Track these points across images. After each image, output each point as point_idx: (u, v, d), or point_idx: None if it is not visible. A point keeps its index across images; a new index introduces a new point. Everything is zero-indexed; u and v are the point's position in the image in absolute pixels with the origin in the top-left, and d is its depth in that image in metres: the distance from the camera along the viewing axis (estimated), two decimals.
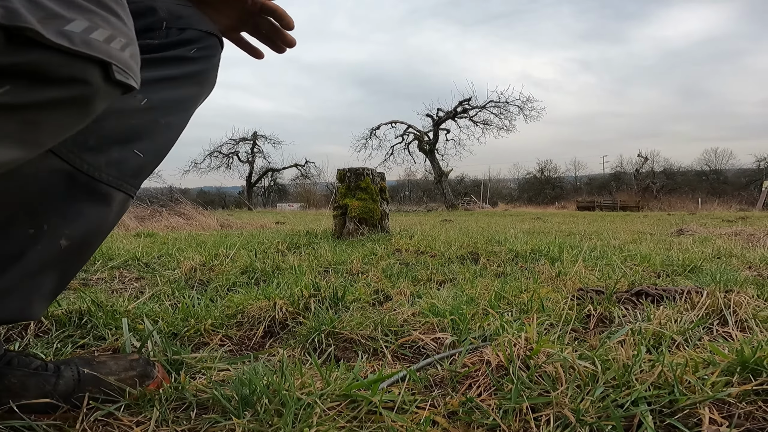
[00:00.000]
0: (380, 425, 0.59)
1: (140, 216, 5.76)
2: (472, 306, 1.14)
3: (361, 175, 3.25)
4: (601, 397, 0.61)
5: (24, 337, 0.95)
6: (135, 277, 1.79)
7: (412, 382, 0.72)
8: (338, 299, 1.24)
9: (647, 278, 1.61)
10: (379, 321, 1.02)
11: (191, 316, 1.07)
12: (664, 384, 0.63)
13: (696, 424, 0.58)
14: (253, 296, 1.22)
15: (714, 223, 5.54)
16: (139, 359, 0.71)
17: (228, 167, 29.88)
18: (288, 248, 2.54)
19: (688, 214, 10.79)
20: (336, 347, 0.93)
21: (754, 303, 1.09)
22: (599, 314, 1.08)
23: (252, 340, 1.01)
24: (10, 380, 0.59)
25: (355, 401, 0.64)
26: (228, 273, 1.74)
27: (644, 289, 1.23)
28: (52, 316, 1.00)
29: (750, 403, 0.61)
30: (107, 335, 0.94)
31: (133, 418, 0.62)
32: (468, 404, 0.63)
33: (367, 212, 3.18)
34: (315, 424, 0.58)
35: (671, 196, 29.00)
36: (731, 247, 2.44)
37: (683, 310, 1.04)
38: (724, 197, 24.48)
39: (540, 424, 0.58)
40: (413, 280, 1.64)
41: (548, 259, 2.00)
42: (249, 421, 0.59)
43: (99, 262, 2.02)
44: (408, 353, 0.91)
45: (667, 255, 2.15)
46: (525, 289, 1.30)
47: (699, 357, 0.71)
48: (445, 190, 22.52)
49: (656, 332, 0.89)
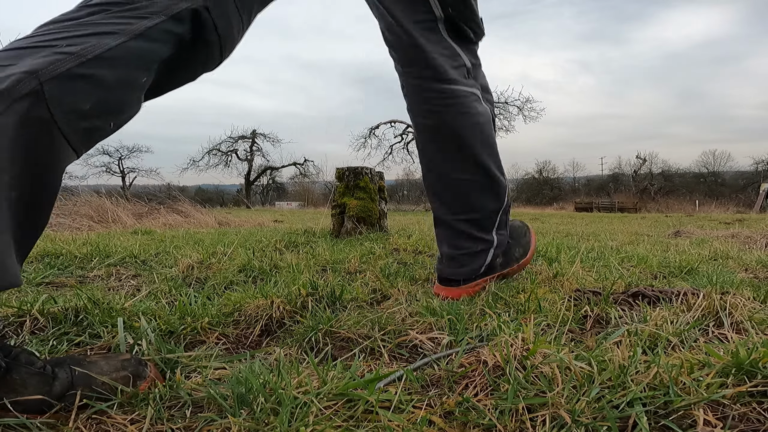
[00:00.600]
0: (377, 425, 0.59)
1: (138, 213, 5.75)
2: (470, 306, 1.14)
3: (360, 174, 3.25)
4: (597, 398, 0.61)
5: (20, 334, 0.95)
6: (132, 274, 1.78)
7: (409, 381, 0.72)
8: (336, 298, 1.24)
9: (644, 279, 1.61)
10: (376, 320, 1.02)
11: (188, 314, 1.07)
12: (659, 385, 0.63)
13: (691, 425, 0.58)
14: (250, 294, 1.22)
15: (711, 225, 5.56)
16: (131, 359, 0.71)
17: (226, 165, 29.90)
18: (286, 247, 2.54)
19: (686, 216, 10.82)
20: (333, 346, 0.93)
21: (750, 305, 1.09)
22: (596, 315, 1.08)
23: (249, 338, 1.01)
24: (13, 376, 0.59)
25: (352, 400, 0.64)
26: (225, 271, 1.74)
27: (641, 291, 1.23)
28: (47, 313, 1.00)
29: (744, 405, 0.61)
30: (103, 333, 0.94)
31: (128, 416, 0.62)
32: (464, 404, 0.63)
33: (365, 211, 3.18)
34: (311, 423, 0.58)
35: (669, 198, 29.07)
36: (728, 249, 2.45)
37: (679, 311, 1.05)
38: (722, 199, 24.55)
39: (536, 425, 0.59)
40: (411, 280, 1.64)
41: (546, 260, 2.01)
42: (245, 419, 0.59)
43: (96, 259, 2.01)
44: (405, 353, 0.91)
45: (664, 256, 2.15)
46: (522, 290, 1.30)
47: (694, 358, 0.71)
48: None
49: (652, 333, 0.90)
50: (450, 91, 1.16)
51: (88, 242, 2.59)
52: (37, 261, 2.03)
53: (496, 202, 1.25)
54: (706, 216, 11.01)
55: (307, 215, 9.90)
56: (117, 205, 5.65)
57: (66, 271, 1.85)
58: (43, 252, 2.17)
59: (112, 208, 5.40)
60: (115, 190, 7.36)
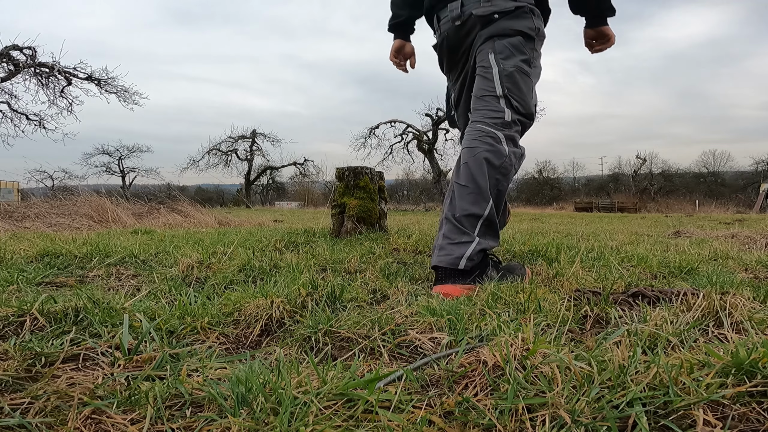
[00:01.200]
0: (376, 424, 0.59)
1: (138, 213, 5.75)
2: (469, 306, 1.14)
3: (360, 174, 3.25)
4: (597, 398, 0.61)
5: (20, 333, 0.95)
6: (132, 274, 1.78)
7: (409, 381, 0.72)
8: (336, 298, 1.24)
9: (644, 280, 1.61)
10: (376, 320, 1.02)
11: (188, 313, 1.07)
12: (659, 385, 0.63)
13: (690, 425, 0.58)
14: (250, 294, 1.22)
15: (711, 225, 5.56)
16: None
17: (226, 165, 29.88)
18: (286, 246, 2.54)
19: (686, 216, 10.82)
20: (333, 346, 0.94)
21: (749, 305, 1.10)
22: (596, 315, 1.08)
23: (249, 338, 1.01)
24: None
25: (352, 400, 0.64)
26: (225, 271, 1.74)
27: (641, 291, 1.23)
28: (48, 312, 1.00)
29: (744, 405, 0.61)
30: (103, 333, 0.94)
31: (127, 416, 0.62)
32: (464, 404, 0.63)
33: (365, 211, 3.18)
34: (311, 422, 0.58)
35: (669, 198, 29.07)
36: (728, 250, 2.45)
37: (679, 311, 1.05)
38: (722, 199, 24.54)
39: (536, 425, 0.59)
40: (411, 280, 1.64)
41: (545, 260, 2.01)
42: (245, 419, 0.59)
43: (96, 258, 2.01)
44: (405, 353, 0.91)
45: (664, 257, 2.15)
46: (522, 290, 1.30)
47: (694, 358, 0.71)
48: (443, 190, 22.52)
49: (652, 333, 0.90)
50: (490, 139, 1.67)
51: (88, 242, 2.59)
52: (37, 261, 2.03)
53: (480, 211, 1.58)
54: (706, 216, 11.00)
55: (307, 215, 9.90)
56: (117, 204, 5.66)
57: (66, 270, 1.85)
58: (43, 252, 2.17)
59: (112, 207, 5.40)
60: (115, 189, 7.36)
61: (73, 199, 5.81)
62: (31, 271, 1.71)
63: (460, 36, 1.77)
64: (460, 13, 1.74)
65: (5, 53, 13.58)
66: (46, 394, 0.67)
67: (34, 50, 13.89)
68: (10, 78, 13.96)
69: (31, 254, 2.13)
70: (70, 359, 0.82)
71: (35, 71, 14.16)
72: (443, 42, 1.84)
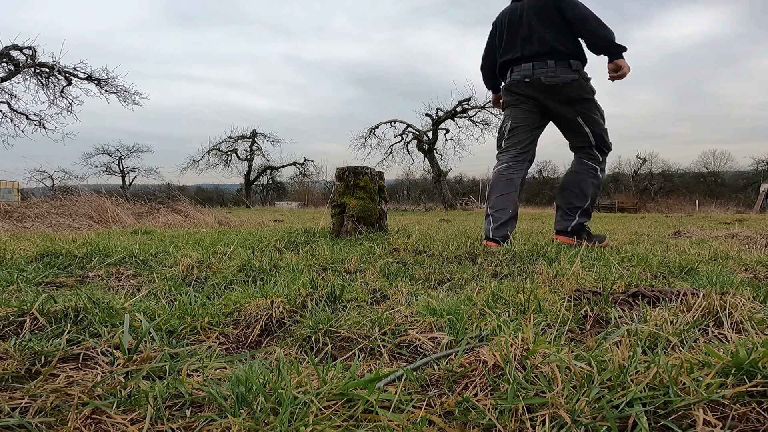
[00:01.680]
0: (376, 424, 0.59)
1: (138, 213, 5.75)
2: (469, 306, 1.14)
3: (360, 173, 3.25)
4: (597, 398, 0.61)
5: (20, 333, 0.95)
6: (132, 274, 1.78)
7: (409, 381, 0.72)
8: (335, 298, 1.24)
9: (644, 280, 1.61)
10: (376, 320, 1.02)
11: (188, 313, 1.07)
12: (659, 385, 0.63)
13: (690, 425, 0.58)
14: (250, 294, 1.22)
15: (711, 225, 5.55)
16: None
17: (226, 165, 29.86)
18: (286, 246, 2.54)
19: (686, 216, 10.81)
20: (333, 346, 0.93)
21: (749, 305, 1.10)
22: (596, 315, 1.08)
23: (249, 338, 1.01)
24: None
25: (352, 400, 0.64)
26: (225, 271, 1.74)
27: (641, 291, 1.23)
28: (48, 312, 1.00)
29: (744, 405, 0.61)
30: (103, 332, 0.94)
31: (127, 415, 0.62)
32: (464, 404, 0.63)
33: (365, 211, 3.18)
34: (311, 422, 0.58)
35: (669, 198, 29.06)
36: (728, 250, 2.45)
37: (679, 311, 1.05)
38: (722, 199, 24.52)
39: (536, 425, 0.59)
40: (411, 280, 1.64)
41: (546, 260, 2.01)
42: (245, 419, 0.59)
43: (96, 258, 2.01)
44: (405, 353, 0.91)
45: (664, 257, 2.15)
46: (522, 290, 1.30)
47: (694, 358, 0.71)
48: (443, 190, 22.51)
49: (652, 333, 0.90)
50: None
51: (87, 242, 2.59)
52: (37, 261, 2.03)
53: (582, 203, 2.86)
54: (706, 216, 11.00)
55: (307, 215, 9.90)
56: (117, 204, 5.65)
57: (66, 270, 1.85)
58: (43, 251, 2.17)
59: (112, 207, 5.40)
60: (115, 189, 7.35)
61: (73, 199, 5.81)
62: (31, 271, 1.71)
63: (524, 88, 2.76)
64: (531, 74, 2.69)
65: (5, 53, 13.59)
66: (45, 393, 0.67)
67: (34, 50, 13.91)
68: (10, 78, 13.98)
69: (31, 254, 2.13)
70: (70, 359, 0.82)
71: (35, 71, 14.17)
72: (512, 86, 2.81)
